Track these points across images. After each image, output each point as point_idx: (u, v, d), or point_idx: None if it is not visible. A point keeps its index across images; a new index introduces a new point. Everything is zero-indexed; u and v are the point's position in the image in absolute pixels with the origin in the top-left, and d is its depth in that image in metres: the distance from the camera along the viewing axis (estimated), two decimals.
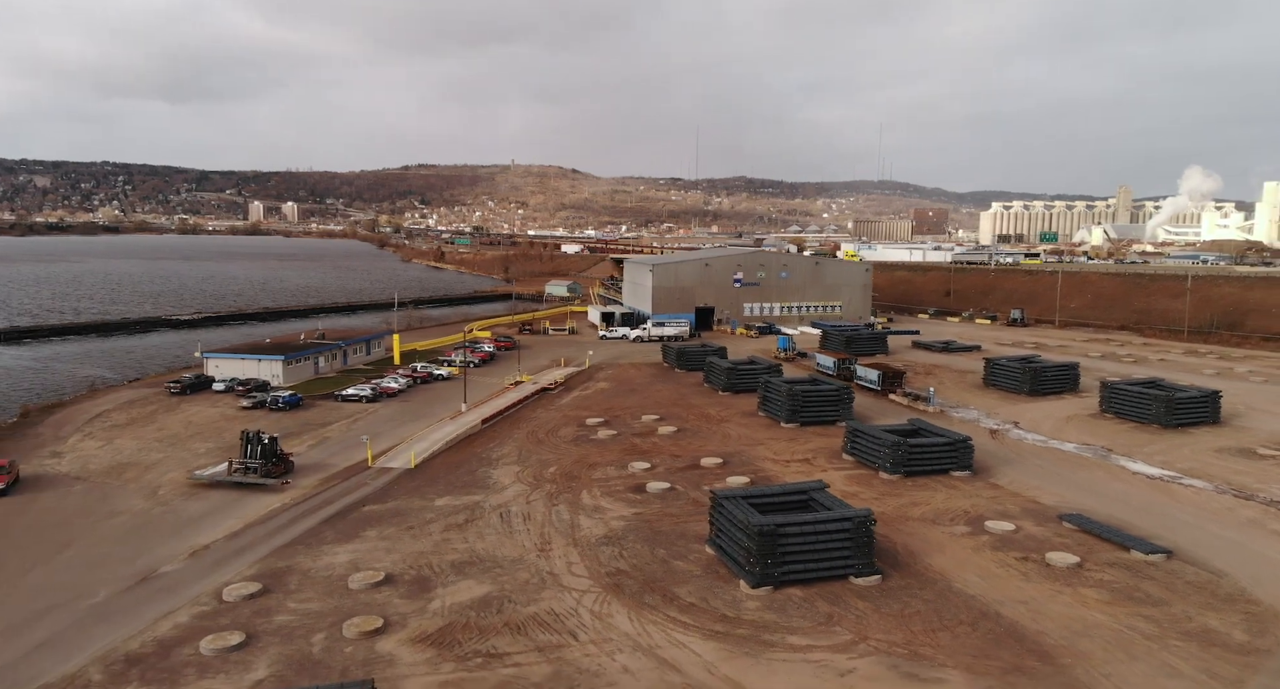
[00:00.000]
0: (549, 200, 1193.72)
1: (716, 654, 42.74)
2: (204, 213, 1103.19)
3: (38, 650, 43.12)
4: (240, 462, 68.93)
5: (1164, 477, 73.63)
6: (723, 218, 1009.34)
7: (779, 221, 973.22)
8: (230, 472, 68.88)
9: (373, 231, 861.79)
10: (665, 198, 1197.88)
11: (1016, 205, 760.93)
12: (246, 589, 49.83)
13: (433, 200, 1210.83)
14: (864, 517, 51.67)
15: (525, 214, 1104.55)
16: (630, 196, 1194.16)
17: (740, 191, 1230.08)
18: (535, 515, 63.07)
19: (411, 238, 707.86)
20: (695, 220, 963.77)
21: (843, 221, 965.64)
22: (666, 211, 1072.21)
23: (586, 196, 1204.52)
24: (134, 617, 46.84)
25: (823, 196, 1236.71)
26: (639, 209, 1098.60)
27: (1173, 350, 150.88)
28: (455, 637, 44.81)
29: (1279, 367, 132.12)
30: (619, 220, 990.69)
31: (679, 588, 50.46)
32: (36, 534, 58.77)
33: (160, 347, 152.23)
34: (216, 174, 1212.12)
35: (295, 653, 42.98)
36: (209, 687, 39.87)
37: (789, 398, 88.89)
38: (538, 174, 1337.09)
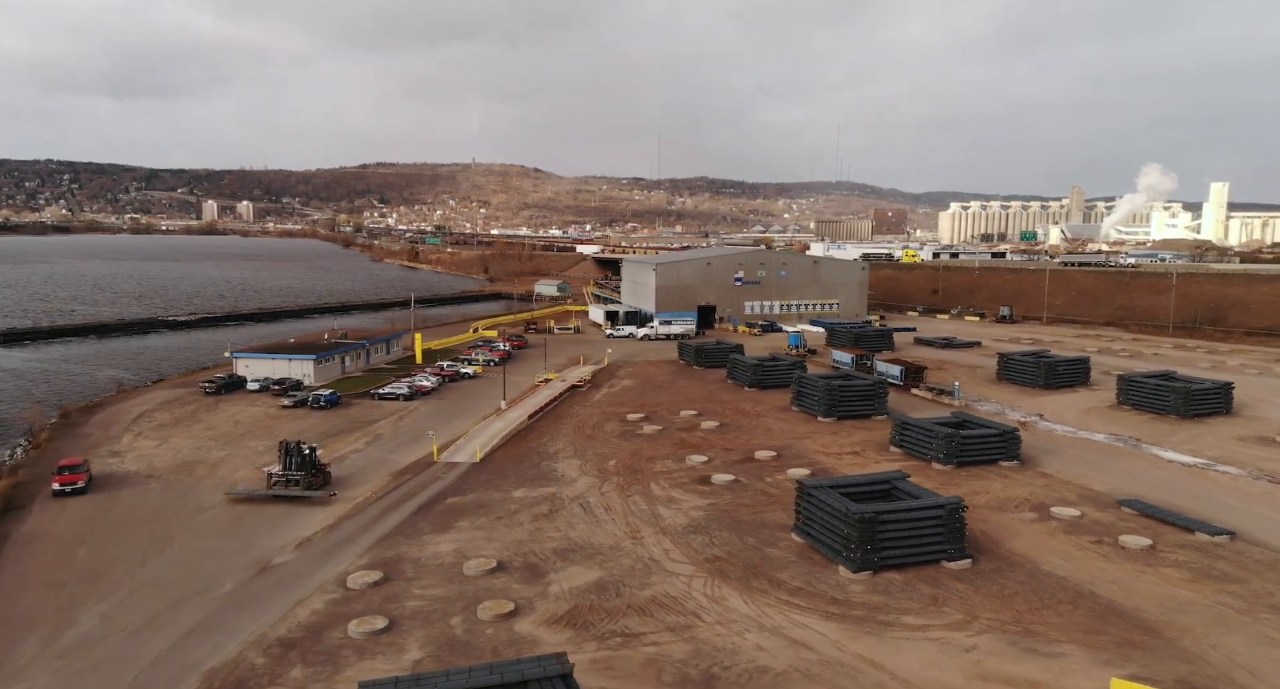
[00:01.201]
0: (511, 199, 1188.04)
1: (840, 633, 44.68)
2: (155, 212, 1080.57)
3: (189, 637, 44.12)
4: (281, 473, 65.31)
5: (1198, 464, 76.82)
6: (686, 217, 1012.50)
7: (742, 221, 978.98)
8: (270, 484, 65.15)
9: (333, 231, 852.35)
10: (629, 197, 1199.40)
11: (974, 205, 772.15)
12: (369, 577, 51.14)
13: (392, 199, 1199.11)
14: (956, 504, 53.95)
15: (488, 213, 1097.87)
16: (593, 196, 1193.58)
17: (703, 192, 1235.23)
18: (614, 506, 64.61)
19: (376, 237, 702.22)
20: (659, 220, 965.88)
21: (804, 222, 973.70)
22: (630, 211, 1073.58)
23: (549, 196, 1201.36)
24: (269, 604, 48.06)
25: (783, 197, 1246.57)
26: (603, 209, 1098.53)
27: (1162, 345, 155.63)
28: (585, 618, 46.43)
29: (1268, 359, 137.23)
30: (583, 220, 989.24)
31: (781, 573, 52.36)
32: (134, 530, 59.35)
33: (165, 348, 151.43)
34: (166, 172, 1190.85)
35: (440, 635, 44.39)
36: (371, 667, 41.17)
37: (826, 393, 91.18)
38: (499, 173, 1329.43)
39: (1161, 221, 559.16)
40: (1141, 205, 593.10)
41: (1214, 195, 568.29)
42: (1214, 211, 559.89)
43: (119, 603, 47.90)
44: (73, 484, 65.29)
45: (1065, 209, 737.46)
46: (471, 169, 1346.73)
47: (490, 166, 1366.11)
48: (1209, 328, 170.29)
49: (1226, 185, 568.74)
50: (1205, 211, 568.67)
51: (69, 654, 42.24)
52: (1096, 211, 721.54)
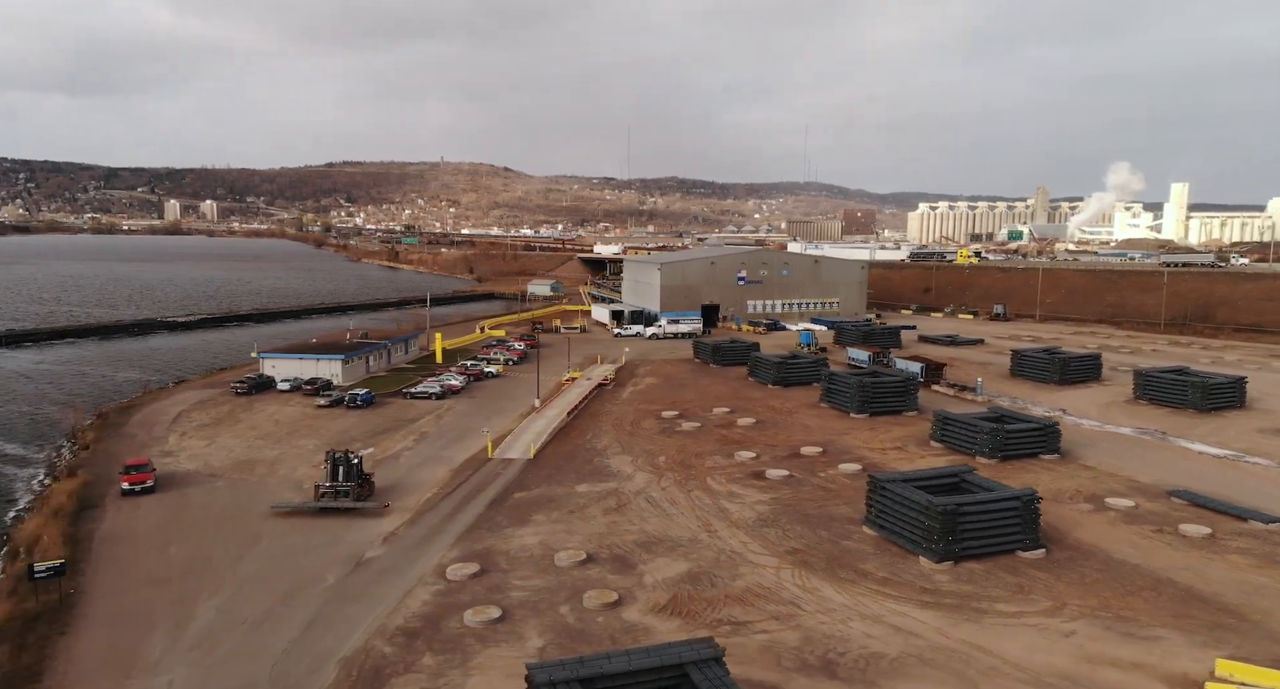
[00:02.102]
0: (481, 199, 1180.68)
1: (940, 621, 46.17)
2: (115, 211, 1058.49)
3: (311, 628, 44.96)
4: (330, 485, 62.16)
5: (1228, 456, 79.29)
6: (658, 217, 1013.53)
7: (713, 222, 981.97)
8: (318, 496, 62.02)
9: (300, 230, 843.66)
10: (600, 197, 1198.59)
11: (942, 206, 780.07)
12: (468, 569, 52.29)
13: (359, 198, 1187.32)
14: (1030, 496, 55.66)
15: (458, 213, 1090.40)
16: (565, 195, 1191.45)
17: (674, 192, 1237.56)
18: (679, 501, 65.77)
19: (347, 237, 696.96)
20: (631, 220, 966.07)
21: (774, 222, 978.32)
22: (602, 211, 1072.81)
23: (520, 195, 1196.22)
24: (377, 596, 49.02)
25: (753, 197, 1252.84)
26: (574, 208, 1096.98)
27: (1158, 341, 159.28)
28: (688, 607, 47.69)
29: (1262, 355, 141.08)
30: (554, 219, 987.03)
31: (863, 564, 53.82)
32: (217, 527, 59.84)
33: (174, 349, 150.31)
34: (126, 171, 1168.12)
35: (554, 623, 45.49)
36: (498, 654, 42.34)
37: (859, 390, 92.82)
38: (468, 172, 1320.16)
39: (1124, 221, 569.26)
40: (1110, 204, 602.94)
41: (1175, 196, 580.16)
42: (1175, 212, 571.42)
43: (230, 597, 48.51)
44: (141, 483, 65.56)
45: (1030, 209, 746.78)
46: (440, 168, 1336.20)
47: (459, 165, 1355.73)
48: (1199, 324, 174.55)
49: (1186, 186, 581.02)
50: (1166, 211, 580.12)
51: (199, 646, 42.85)
52: (1060, 212, 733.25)
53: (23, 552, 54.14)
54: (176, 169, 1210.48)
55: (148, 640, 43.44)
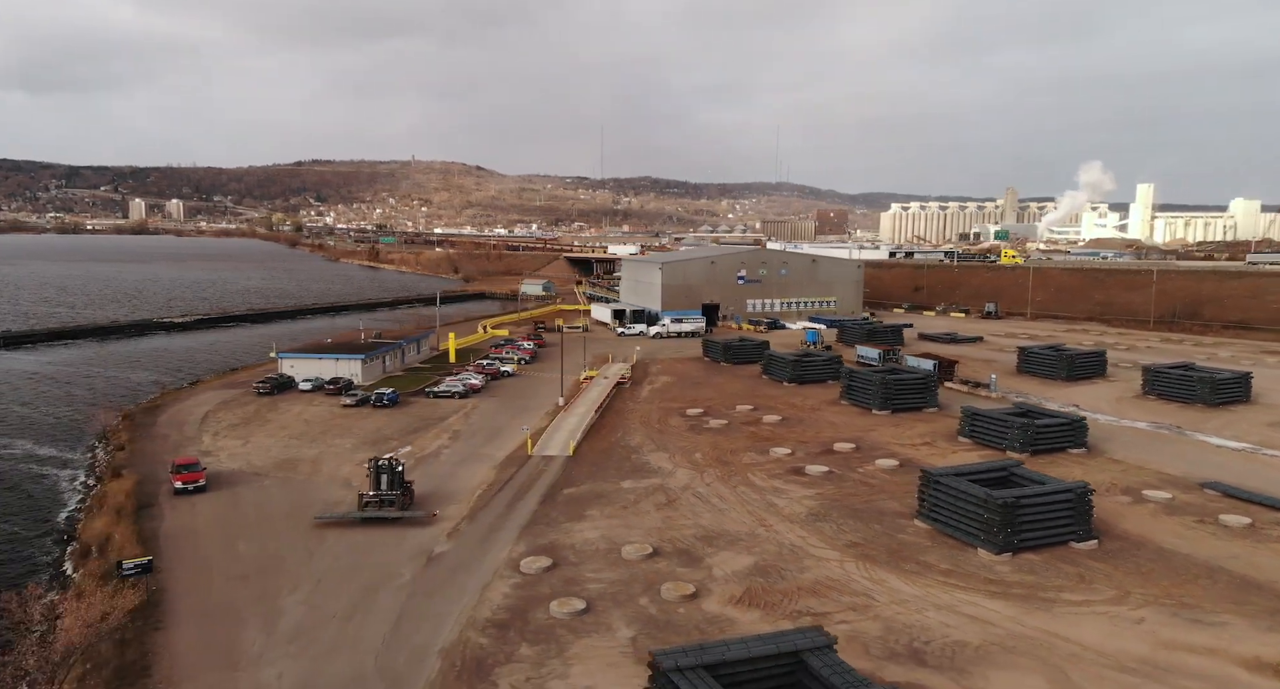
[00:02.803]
0: (454, 198, 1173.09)
1: (1012, 610, 47.47)
2: (78, 211, 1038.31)
3: (402, 622, 45.69)
4: (375, 494, 60.11)
5: (1245, 449, 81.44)
6: (633, 217, 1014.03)
7: (688, 221, 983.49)
8: (362, 506, 60.05)
9: (271, 230, 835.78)
10: (574, 197, 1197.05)
11: (914, 206, 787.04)
12: (540, 563, 53.18)
13: (329, 198, 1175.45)
14: (1084, 488, 57.17)
15: (429, 212, 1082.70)
16: (538, 195, 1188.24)
17: (648, 191, 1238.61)
18: (726, 496, 66.76)
19: (320, 236, 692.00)
20: (606, 220, 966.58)
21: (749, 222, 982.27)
22: (576, 211, 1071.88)
23: (493, 194, 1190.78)
24: (457, 589, 49.84)
25: (726, 197, 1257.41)
26: (548, 208, 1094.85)
27: (1150, 338, 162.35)
28: (765, 599, 48.73)
29: (1254, 351, 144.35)
30: (528, 219, 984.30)
31: (924, 556, 55.05)
32: (279, 524, 60.25)
33: (180, 349, 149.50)
34: (88, 170, 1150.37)
35: (638, 615, 46.43)
36: (593, 644, 43.33)
37: (881, 387, 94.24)
38: (440, 171, 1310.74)
39: (1091, 222, 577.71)
40: (1083, 203, 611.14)
41: (1140, 196, 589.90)
42: (1141, 212, 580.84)
43: (311, 592, 48.98)
44: (194, 482, 65.76)
45: (1000, 209, 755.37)
46: (411, 167, 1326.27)
47: (431, 164, 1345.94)
48: (1187, 322, 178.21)
49: (1151, 186, 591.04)
50: (1132, 211, 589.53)
51: (296, 640, 43.33)
52: (1029, 212, 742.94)
53: (94, 550, 54.10)
54: (140, 168, 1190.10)
55: (242, 635, 43.86)
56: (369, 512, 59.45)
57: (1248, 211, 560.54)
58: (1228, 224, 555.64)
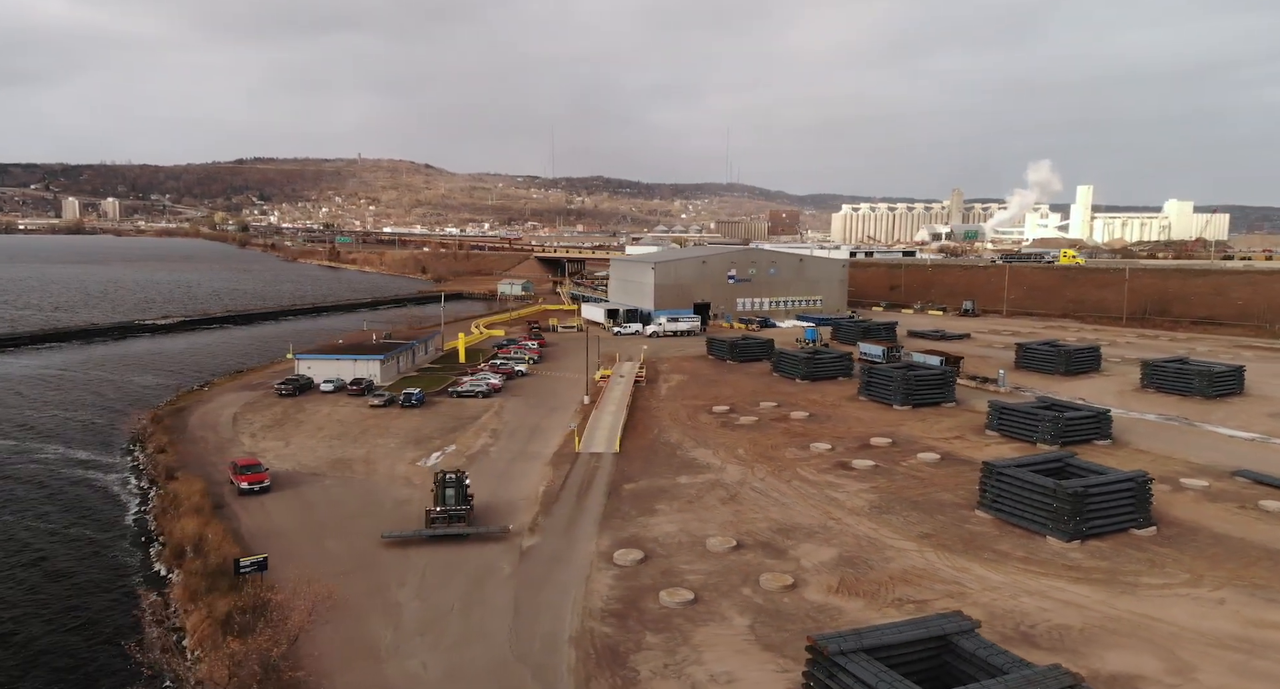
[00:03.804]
0: (402, 196, 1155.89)
1: (1100, 594, 49.63)
2: (8, 210, 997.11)
3: (520, 614, 46.78)
4: (443, 510, 57.54)
5: (1254, 438, 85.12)
6: (586, 217, 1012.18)
7: (641, 221, 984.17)
8: (429, 522, 57.31)
9: (214, 229, 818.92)
10: (526, 196, 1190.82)
11: (864, 207, 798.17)
12: (633, 555, 54.54)
13: (273, 196, 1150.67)
14: (1144, 478, 59.69)
15: (378, 210, 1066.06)
16: (490, 194, 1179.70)
17: (601, 191, 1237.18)
18: (784, 491, 68.37)
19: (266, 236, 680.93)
20: (559, 219, 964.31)
21: (702, 222, 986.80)
22: (529, 210, 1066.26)
23: (443, 193, 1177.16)
24: (561, 581, 51.03)
25: (679, 197, 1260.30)
26: (500, 207, 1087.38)
27: (1126, 334, 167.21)
28: (862, 588, 50.42)
29: (1228, 345, 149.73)
30: (480, 218, 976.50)
31: (997, 545, 57.14)
32: (359, 521, 60.74)
33: (173, 351, 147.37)
34: (17, 167, 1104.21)
35: (747, 604, 47.98)
36: (715, 632, 44.76)
37: (903, 383, 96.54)
38: (388, 169, 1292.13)
39: (1034, 222, 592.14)
40: (1032, 202, 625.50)
41: (1080, 197, 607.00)
42: (1081, 213, 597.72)
43: (420, 587, 49.88)
44: (259, 483, 65.85)
45: (946, 210, 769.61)
46: (358, 165, 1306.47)
47: (378, 162, 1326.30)
48: (1157, 318, 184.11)
49: (1091, 188, 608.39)
50: (1073, 212, 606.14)
51: (426, 632, 44.27)
52: (974, 213, 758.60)
53: (189, 550, 53.93)
54: (72, 165, 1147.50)
55: (369, 629, 44.49)
56: (438, 529, 56.81)
57: (1181, 212, 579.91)
58: (1163, 224, 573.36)
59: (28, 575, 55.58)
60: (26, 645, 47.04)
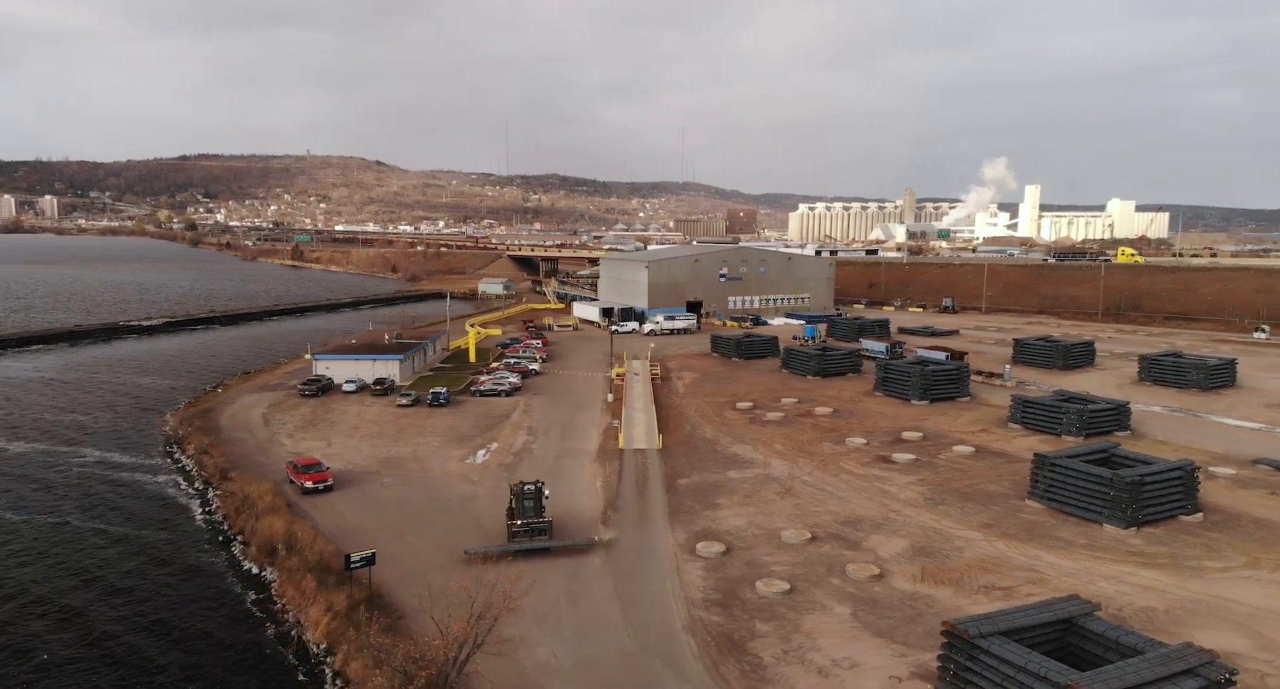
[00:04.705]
0: (354, 194, 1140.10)
1: (1170, 577, 52.01)
2: None
3: (627, 604, 48.19)
4: (524, 523, 55.92)
5: (1261, 428, 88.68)
6: (544, 215, 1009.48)
7: (600, 220, 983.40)
8: (512, 537, 55.68)
9: (160, 228, 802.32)
10: (481, 193, 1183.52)
11: (820, 207, 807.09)
12: (715, 547, 55.99)
13: (219, 194, 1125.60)
14: (1192, 466, 62.40)
15: (328, 208, 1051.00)
16: (444, 191, 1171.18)
17: (557, 189, 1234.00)
18: (835, 484, 70.19)
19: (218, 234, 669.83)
20: (516, 217, 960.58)
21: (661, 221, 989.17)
22: (485, 208, 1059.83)
23: (395, 190, 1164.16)
24: (651, 572, 52.61)
25: (636, 196, 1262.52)
26: (455, 204, 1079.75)
27: (1105, 329, 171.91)
28: (945, 576, 52.26)
29: (1204, 339, 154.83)
30: (434, 215, 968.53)
31: (1058, 533, 59.37)
32: (434, 517, 61.64)
33: (167, 353, 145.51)
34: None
35: (841, 593, 49.67)
36: (820, 620, 46.48)
37: (921, 378, 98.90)
38: (338, 166, 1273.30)
39: (984, 221, 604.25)
40: (989, 199, 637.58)
41: (1029, 197, 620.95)
42: (1029, 212, 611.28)
43: (518, 578, 50.06)
44: (323, 482, 66.18)
45: (899, 210, 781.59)
46: (307, 162, 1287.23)
47: (328, 159, 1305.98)
48: (1131, 313, 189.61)
49: (1039, 188, 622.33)
50: (1021, 211, 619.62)
51: (542, 623, 45.63)
52: (925, 212, 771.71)
53: (281, 548, 54.12)
54: (6, 162, 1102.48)
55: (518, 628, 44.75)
56: (521, 542, 55.15)
57: (1124, 211, 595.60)
58: (1106, 223, 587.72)
59: (123, 578, 55.33)
60: (150, 644, 47.12)
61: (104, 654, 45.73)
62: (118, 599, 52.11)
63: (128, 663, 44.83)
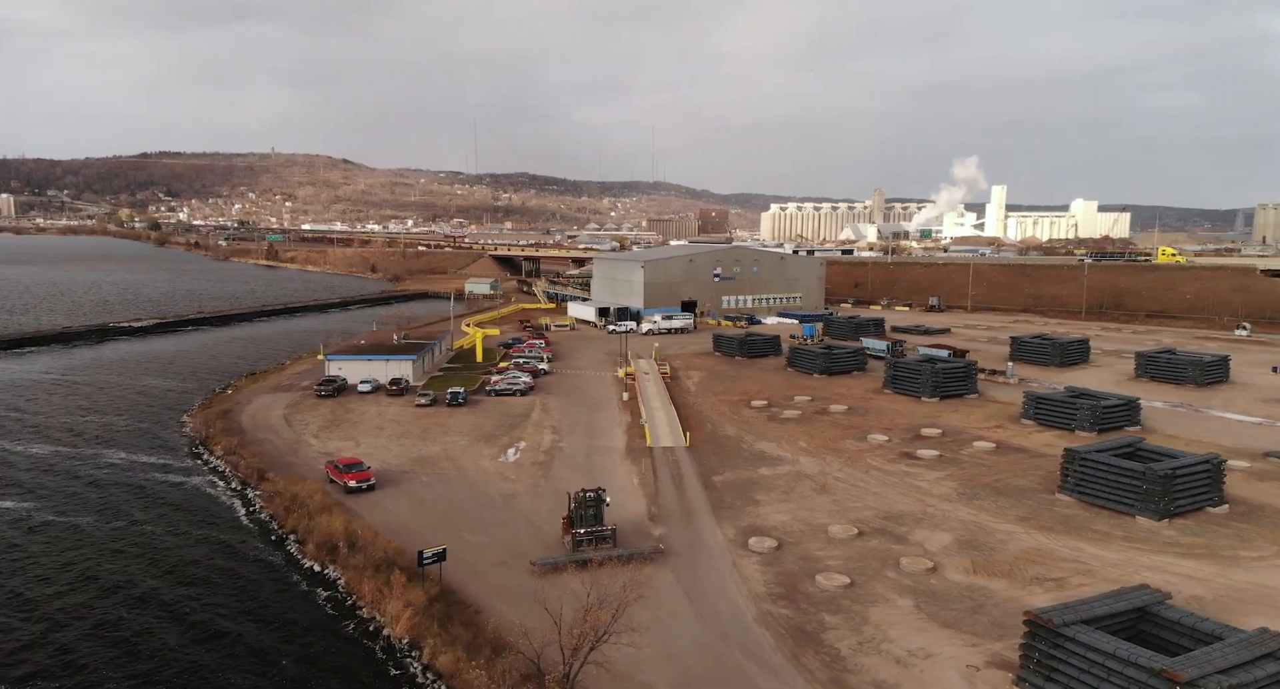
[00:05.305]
0: (320, 192, 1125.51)
1: (1209, 566, 53.87)
2: None
3: (693, 597, 49.37)
4: (588, 531, 55.28)
5: (1260, 422, 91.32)
6: (514, 214, 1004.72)
7: (571, 219, 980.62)
8: (576, 546, 54.89)
9: (122, 227, 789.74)
10: (450, 192, 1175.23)
11: (791, 207, 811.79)
12: (767, 543, 57.38)
13: (182, 192, 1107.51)
14: (1218, 460, 64.45)
15: (294, 207, 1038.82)
16: (412, 190, 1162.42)
17: (527, 188, 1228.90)
18: (867, 480, 71.61)
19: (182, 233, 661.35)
20: (486, 216, 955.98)
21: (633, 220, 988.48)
22: (454, 207, 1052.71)
23: (363, 189, 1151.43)
24: (709, 566, 53.82)
25: (607, 195, 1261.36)
26: (424, 203, 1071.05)
27: (1090, 327, 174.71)
28: (996, 569, 53.74)
29: (1187, 336, 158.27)
30: (403, 214, 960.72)
31: (1094, 526, 61.07)
32: (478, 515, 62.50)
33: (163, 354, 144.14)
34: None
35: (898, 586, 51.12)
36: (886, 612, 47.85)
37: (932, 376, 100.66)
38: (304, 164, 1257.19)
39: (952, 221, 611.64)
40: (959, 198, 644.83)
41: (995, 197, 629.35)
42: (995, 212, 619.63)
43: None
44: (366, 481, 66.73)
45: (869, 210, 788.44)
46: (272, 160, 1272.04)
47: (293, 157, 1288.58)
48: (1114, 311, 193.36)
49: (1004, 188, 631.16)
50: (988, 212, 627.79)
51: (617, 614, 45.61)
52: (894, 212, 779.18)
53: (342, 546, 54.48)
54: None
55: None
56: (587, 551, 54.01)
57: (1088, 211, 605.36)
58: (1070, 223, 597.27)
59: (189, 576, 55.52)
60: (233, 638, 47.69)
61: (182, 652, 46.01)
62: (190, 597, 52.37)
63: (211, 661, 45.12)
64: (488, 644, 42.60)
